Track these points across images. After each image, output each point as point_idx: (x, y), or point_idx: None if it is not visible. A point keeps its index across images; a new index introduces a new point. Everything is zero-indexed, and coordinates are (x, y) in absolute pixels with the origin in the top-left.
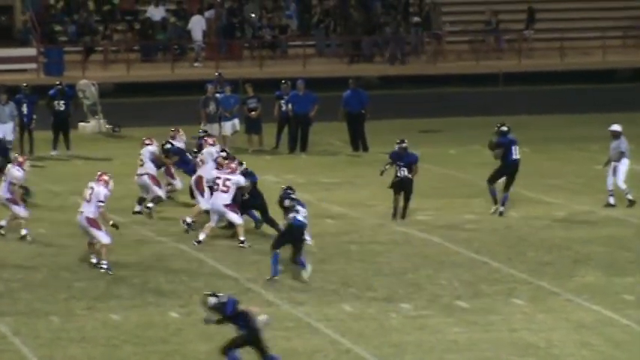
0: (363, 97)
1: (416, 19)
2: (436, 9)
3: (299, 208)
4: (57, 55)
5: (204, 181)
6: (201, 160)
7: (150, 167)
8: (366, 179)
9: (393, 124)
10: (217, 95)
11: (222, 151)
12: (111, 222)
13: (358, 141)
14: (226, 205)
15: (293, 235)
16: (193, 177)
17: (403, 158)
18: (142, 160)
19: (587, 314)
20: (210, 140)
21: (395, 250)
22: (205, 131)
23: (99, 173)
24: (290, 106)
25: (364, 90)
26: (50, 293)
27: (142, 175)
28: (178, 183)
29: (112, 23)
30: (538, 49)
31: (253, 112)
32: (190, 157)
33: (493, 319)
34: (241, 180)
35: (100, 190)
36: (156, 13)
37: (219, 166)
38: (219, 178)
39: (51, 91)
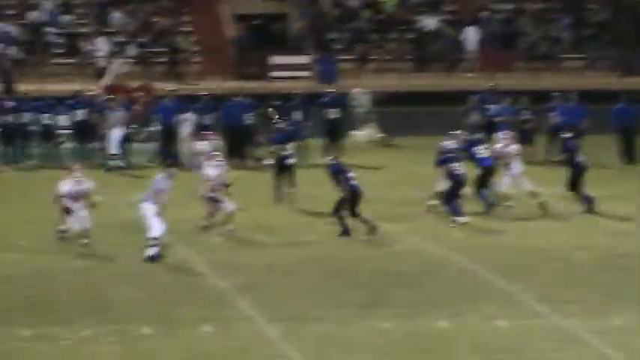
0: (634, 111)
1: None
2: None
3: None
4: (330, 63)
5: None
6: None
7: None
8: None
9: None
10: (490, 106)
11: None
12: None
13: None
14: None
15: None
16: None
17: None
18: None
19: None
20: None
21: None
22: None
23: None
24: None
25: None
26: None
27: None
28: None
29: (385, 32)
30: None
31: (527, 124)
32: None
33: None
34: None
35: None
36: (430, 22)
37: None
38: None
39: (324, 99)
